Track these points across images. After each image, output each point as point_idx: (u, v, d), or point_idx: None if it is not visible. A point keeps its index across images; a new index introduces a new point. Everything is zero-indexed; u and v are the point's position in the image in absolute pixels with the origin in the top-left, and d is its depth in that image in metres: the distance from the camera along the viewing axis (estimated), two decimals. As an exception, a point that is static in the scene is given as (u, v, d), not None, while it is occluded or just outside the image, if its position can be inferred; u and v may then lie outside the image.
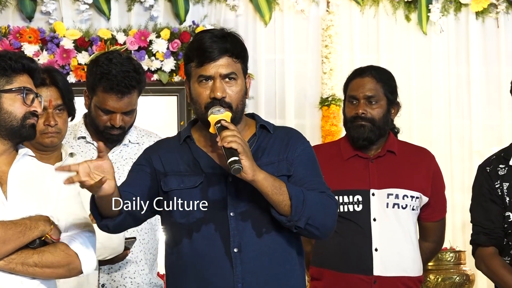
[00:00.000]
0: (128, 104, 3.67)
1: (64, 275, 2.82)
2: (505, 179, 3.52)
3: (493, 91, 6.07)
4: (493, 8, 6.07)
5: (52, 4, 5.79)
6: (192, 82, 2.87)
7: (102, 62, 3.65)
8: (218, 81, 2.81)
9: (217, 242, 2.79)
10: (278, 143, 2.89)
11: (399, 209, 3.77)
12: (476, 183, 3.64)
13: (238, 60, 2.85)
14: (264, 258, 2.80)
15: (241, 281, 2.77)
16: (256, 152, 2.86)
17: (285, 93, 5.97)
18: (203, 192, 2.81)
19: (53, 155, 3.54)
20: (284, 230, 2.80)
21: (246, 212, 2.80)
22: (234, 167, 2.65)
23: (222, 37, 2.84)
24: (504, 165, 3.55)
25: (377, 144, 3.84)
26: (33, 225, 2.73)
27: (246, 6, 5.96)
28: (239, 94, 2.85)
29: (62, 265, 2.77)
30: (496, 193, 3.53)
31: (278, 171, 2.82)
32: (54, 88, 3.50)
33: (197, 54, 2.83)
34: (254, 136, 2.90)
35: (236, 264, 2.77)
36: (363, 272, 3.71)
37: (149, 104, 5.56)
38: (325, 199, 2.80)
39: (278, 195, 2.73)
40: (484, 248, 3.55)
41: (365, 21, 6.05)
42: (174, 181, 2.85)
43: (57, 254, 2.76)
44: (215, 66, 2.81)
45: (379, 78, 3.84)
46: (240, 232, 2.79)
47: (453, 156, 6.01)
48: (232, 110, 2.83)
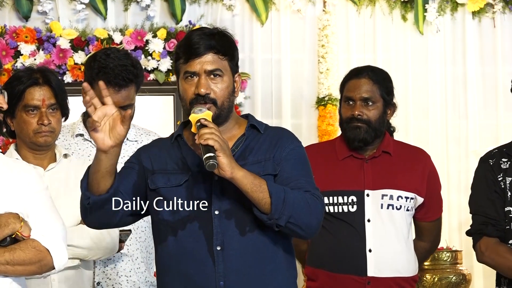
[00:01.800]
0: (126, 98, 3.69)
1: (36, 272, 2.81)
2: (508, 173, 3.48)
3: (490, 91, 6.07)
4: (489, 8, 6.08)
5: (49, 3, 5.79)
6: (180, 79, 2.87)
7: (100, 57, 3.69)
8: (203, 77, 2.81)
9: (201, 240, 2.79)
10: (267, 143, 2.89)
11: (393, 210, 3.76)
12: (479, 175, 3.56)
13: (224, 57, 2.85)
14: (247, 256, 2.79)
15: (223, 279, 2.76)
16: (244, 151, 2.85)
17: (281, 92, 5.97)
18: (188, 190, 2.81)
19: (46, 156, 3.54)
20: (268, 230, 2.79)
21: (230, 211, 2.80)
22: (208, 163, 2.64)
23: (210, 34, 2.85)
24: (507, 159, 3.50)
25: (373, 144, 3.83)
26: (3, 223, 2.72)
27: (242, 5, 5.96)
28: (225, 91, 2.84)
29: (33, 262, 2.76)
30: (499, 185, 3.48)
31: (264, 170, 2.82)
32: (47, 87, 3.50)
33: (184, 50, 2.85)
34: (243, 135, 2.90)
35: (219, 262, 2.77)
36: (357, 273, 3.71)
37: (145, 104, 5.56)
38: (309, 198, 2.78)
39: (258, 193, 2.71)
40: (489, 239, 3.46)
41: (361, 21, 6.05)
42: (161, 179, 2.85)
43: (28, 251, 2.75)
44: (200, 62, 2.82)
45: (376, 79, 3.84)
46: (224, 230, 2.79)
47: (449, 156, 6.01)
48: (217, 106, 2.82)
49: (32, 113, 3.47)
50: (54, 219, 2.87)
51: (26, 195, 2.84)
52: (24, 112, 3.47)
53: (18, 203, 2.81)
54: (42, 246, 2.78)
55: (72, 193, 3.47)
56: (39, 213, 2.84)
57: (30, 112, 3.47)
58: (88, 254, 3.42)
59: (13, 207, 2.79)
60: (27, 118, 3.47)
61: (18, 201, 2.82)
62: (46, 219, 2.84)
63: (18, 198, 2.82)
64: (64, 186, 3.47)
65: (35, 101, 3.47)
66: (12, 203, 2.80)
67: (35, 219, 2.82)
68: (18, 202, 2.81)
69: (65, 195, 3.44)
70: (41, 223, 2.82)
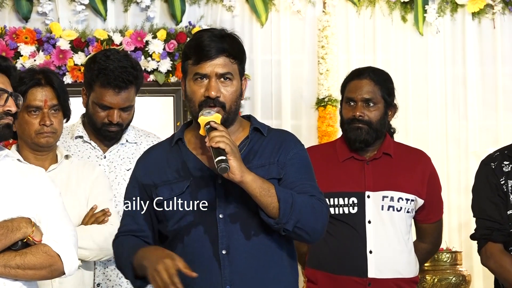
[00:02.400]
0: (126, 100, 3.69)
1: (46, 277, 2.82)
2: (510, 176, 3.49)
3: (489, 92, 6.07)
4: (489, 9, 6.08)
5: (49, 4, 5.79)
6: (187, 80, 2.86)
7: (100, 59, 3.69)
8: (214, 80, 2.81)
9: (206, 244, 2.79)
10: (271, 146, 2.88)
11: (394, 212, 3.76)
12: (481, 179, 3.57)
13: (235, 61, 2.85)
14: (253, 260, 2.79)
15: (229, 282, 2.77)
16: (248, 154, 2.85)
17: (281, 93, 5.97)
18: (192, 195, 2.81)
19: (48, 156, 3.54)
20: (273, 233, 2.80)
21: (235, 214, 2.79)
22: (220, 166, 2.64)
23: (221, 37, 2.84)
24: (509, 162, 3.51)
25: (374, 146, 3.83)
26: (15, 227, 2.72)
27: (242, 6, 5.96)
28: (234, 95, 2.84)
29: (44, 266, 2.77)
30: (502, 189, 3.48)
31: (268, 174, 2.81)
32: (49, 88, 3.50)
33: (195, 51, 2.83)
34: (247, 138, 2.89)
35: (225, 266, 2.77)
36: (358, 274, 3.71)
37: (145, 105, 5.56)
38: (315, 203, 2.79)
39: (267, 197, 2.72)
40: (494, 244, 3.48)
41: (361, 21, 6.05)
42: (165, 191, 2.86)
43: (39, 256, 2.76)
44: (212, 65, 2.81)
45: (377, 81, 3.83)
46: (229, 234, 2.79)
47: (449, 156, 6.01)
48: (225, 110, 2.82)
49: (34, 114, 3.47)
50: (66, 224, 2.88)
51: (38, 200, 2.85)
52: (26, 113, 3.47)
53: (30, 207, 2.82)
54: (53, 251, 2.78)
55: (73, 194, 3.48)
56: (51, 218, 2.85)
57: (32, 113, 3.47)
58: (90, 255, 3.42)
59: (25, 212, 2.79)
60: (29, 119, 3.47)
61: (31, 206, 2.83)
62: (57, 225, 2.85)
63: (31, 203, 2.83)
64: (65, 187, 3.47)
65: (37, 102, 3.47)
66: (24, 208, 2.81)
67: (47, 224, 2.83)
68: (30, 206, 2.82)
69: (66, 196, 3.43)
70: (53, 228, 2.83)
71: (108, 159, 3.79)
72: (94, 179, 3.54)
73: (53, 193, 2.90)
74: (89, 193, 3.51)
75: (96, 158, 3.77)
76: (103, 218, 3.46)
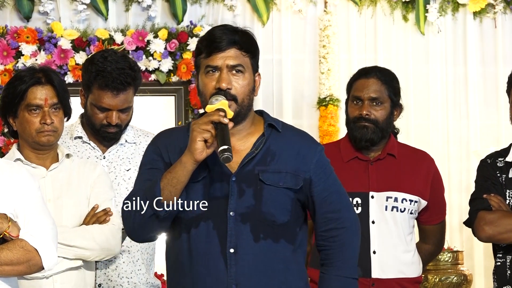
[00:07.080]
0: (124, 101, 3.68)
1: (25, 272, 2.79)
2: (503, 171, 3.57)
3: (491, 91, 6.08)
4: (490, 9, 6.09)
5: (50, 4, 5.79)
6: (200, 74, 2.83)
7: (97, 60, 3.67)
8: (225, 72, 2.78)
9: (214, 240, 2.76)
10: (288, 150, 2.84)
11: (397, 212, 3.76)
12: (481, 173, 3.64)
13: (247, 54, 2.82)
14: (259, 264, 2.77)
15: (235, 282, 2.75)
16: (265, 155, 2.82)
17: (282, 93, 5.97)
18: (205, 187, 2.78)
19: (49, 155, 3.54)
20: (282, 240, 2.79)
21: (246, 214, 2.76)
22: (223, 155, 2.61)
23: (232, 30, 2.83)
24: (502, 158, 3.61)
25: (378, 146, 3.82)
26: None
27: (243, 6, 5.97)
28: (246, 88, 2.81)
29: (21, 262, 2.75)
30: (498, 180, 3.57)
31: (284, 183, 2.79)
32: (49, 87, 3.49)
33: (206, 44, 2.81)
34: (263, 136, 2.85)
35: (231, 265, 2.75)
36: (361, 274, 3.70)
37: (146, 104, 5.57)
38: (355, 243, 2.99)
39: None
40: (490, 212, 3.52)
41: (362, 21, 6.05)
42: None
43: (16, 251, 2.74)
44: (223, 57, 2.78)
45: (384, 80, 3.83)
46: (238, 233, 2.76)
47: (450, 156, 6.02)
48: (238, 103, 2.79)
49: (35, 113, 3.46)
50: (44, 218, 2.85)
51: (16, 194, 2.83)
52: (27, 112, 3.46)
53: (7, 203, 2.80)
54: (30, 246, 2.76)
55: (74, 193, 3.47)
56: (28, 212, 2.83)
57: (32, 112, 3.46)
58: (91, 255, 3.41)
59: (2, 207, 2.78)
60: (30, 118, 3.46)
61: (8, 201, 2.81)
62: (35, 219, 2.82)
63: (8, 198, 2.81)
64: (66, 186, 3.47)
65: (37, 101, 3.46)
66: (1, 204, 2.79)
67: (24, 218, 2.81)
68: (7, 202, 2.80)
69: (67, 195, 3.44)
70: (30, 223, 2.81)
71: (108, 159, 3.78)
72: (96, 178, 3.53)
73: (31, 187, 2.87)
74: (90, 192, 3.50)
75: (96, 158, 3.76)
76: (104, 217, 3.45)
